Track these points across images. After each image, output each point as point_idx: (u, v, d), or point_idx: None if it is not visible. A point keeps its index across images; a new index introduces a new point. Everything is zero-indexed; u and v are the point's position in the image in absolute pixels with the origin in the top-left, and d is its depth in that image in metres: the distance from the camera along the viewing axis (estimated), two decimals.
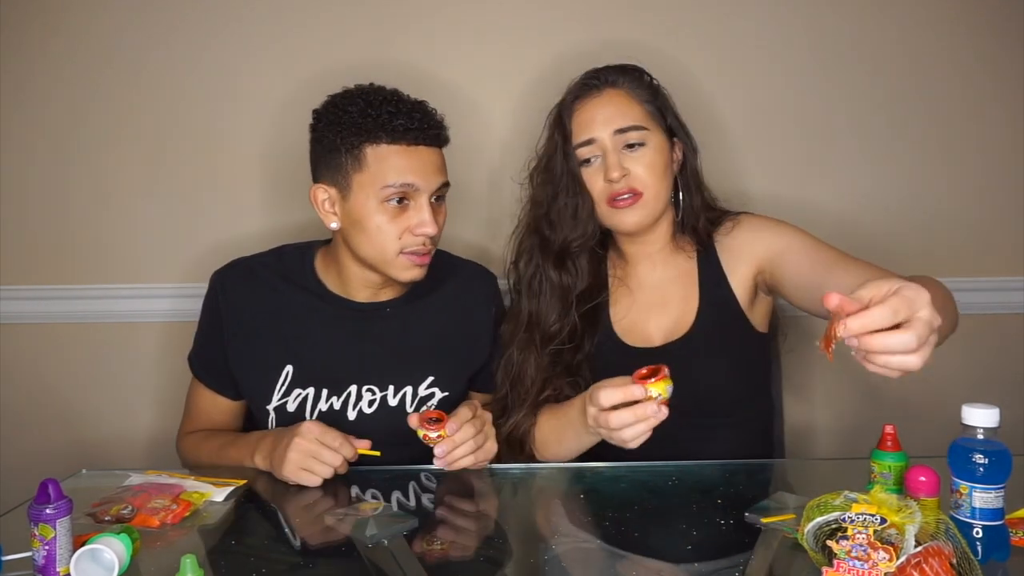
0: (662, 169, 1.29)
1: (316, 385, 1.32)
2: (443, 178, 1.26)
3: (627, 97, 1.30)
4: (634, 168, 1.27)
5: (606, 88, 1.31)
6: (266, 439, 1.22)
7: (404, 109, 1.22)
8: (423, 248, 1.25)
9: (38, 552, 0.88)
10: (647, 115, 1.30)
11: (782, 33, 1.70)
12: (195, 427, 1.39)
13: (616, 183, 1.27)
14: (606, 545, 0.97)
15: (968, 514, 0.88)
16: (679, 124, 1.35)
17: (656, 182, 1.28)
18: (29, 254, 1.73)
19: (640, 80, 1.33)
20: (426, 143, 1.23)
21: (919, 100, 1.72)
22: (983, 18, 1.70)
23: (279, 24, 1.69)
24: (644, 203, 1.28)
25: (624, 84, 1.31)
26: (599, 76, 1.33)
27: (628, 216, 1.29)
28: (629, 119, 1.28)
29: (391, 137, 1.20)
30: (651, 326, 1.35)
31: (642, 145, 1.28)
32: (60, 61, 1.70)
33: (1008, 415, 0.92)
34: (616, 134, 1.28)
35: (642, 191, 1.27)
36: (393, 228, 1.23)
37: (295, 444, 1.15)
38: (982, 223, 1.74)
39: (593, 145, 1.29)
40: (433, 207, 1.25)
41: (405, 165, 1.21)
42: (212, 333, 1.35)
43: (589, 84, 1.32)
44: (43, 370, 1.75)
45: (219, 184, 1.72)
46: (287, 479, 1.16)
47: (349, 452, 1.17)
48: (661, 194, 1.30)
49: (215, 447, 1.31)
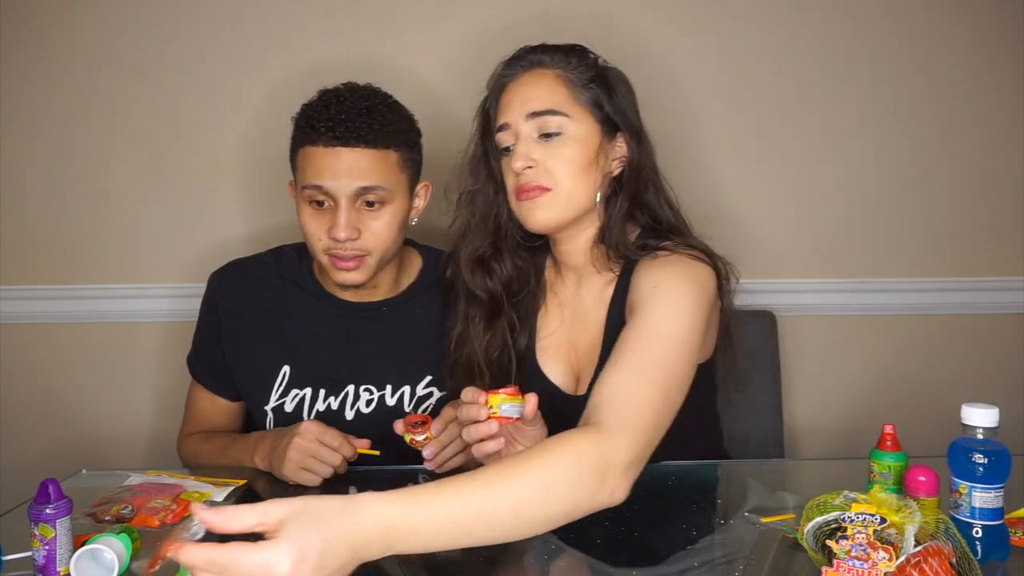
0: (583, 164, 1.11)
1: (314, 385, 1.32)
2: (364, 182, 1.19)
3: (553, 79, 1.14)
4: (546, 160, 1.11)
5: (533, 68, 1.15)
6: (265, 439, 1.22)
7: (333, 109, 1.20)
8: (343, 252, 1.22)
9: (38, 552, 0.88)
10: (573, 100, 1.13)
11: (781, 30, 1.71)
12: (195, 429, 1.39)
13: (521, 174, 1.12)
14: (606, 545, 0.97)
15: (968, 514, 0.88)
16: (626, 117, 1.16)
17: (571, 179, 1.11)
18: (28, 254, 1.73)
19: (576, 61, 1.15)
20: (345, 143, 1.18)
21: (918, 100, 1.72)
22: (983, 15, 1.70)
23: (280, 23, 1.69)
24: (551, 200, 1.11)
25: (553, 64, 1.15)
26: (528, 54, 1.17)
27: (533, 212, 1.12)
28: (547, 102, 1.11)
29: (311, 139, 1.20)
30: (562, 360, 1.22)
31: (558, 134, 1.11)
32: (59, 61, 1.69)
33: (1008, 415, 0.92)
34: (530, 118, 1.12)
35: (550, 187, 1.11)
36: (314, 228, 1.23)
37: (294, 444, 1.14)
38: (982, 223, 1.74)
39: (508, 131, 1.14)
40: (361, 212, 1.21)
41: (319, 166, 1.20)
42: (210, 334, 1.35)
43: (513, 63, 1.17)
44: (43, 370, 1.75)
45: (219, 184, 1.72)
46: (287, 479, 1.16)
47: (349, 451, 1.17)
48: (576, 193, 1.12)
49: (215, 448, 1.31)
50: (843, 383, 1.76)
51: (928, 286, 1.74)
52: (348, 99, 1.21)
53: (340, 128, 1.18)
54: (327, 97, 1.23)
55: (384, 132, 1.20)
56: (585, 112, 1.14)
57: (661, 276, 1.05)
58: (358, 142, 1.18)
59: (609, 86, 1.16)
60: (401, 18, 1.69)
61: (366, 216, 1.22)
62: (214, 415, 1.39)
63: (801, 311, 1.72)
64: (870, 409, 1.74)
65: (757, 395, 1.58)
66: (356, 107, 1.20)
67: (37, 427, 1.75)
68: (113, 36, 1.69)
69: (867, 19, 1.70)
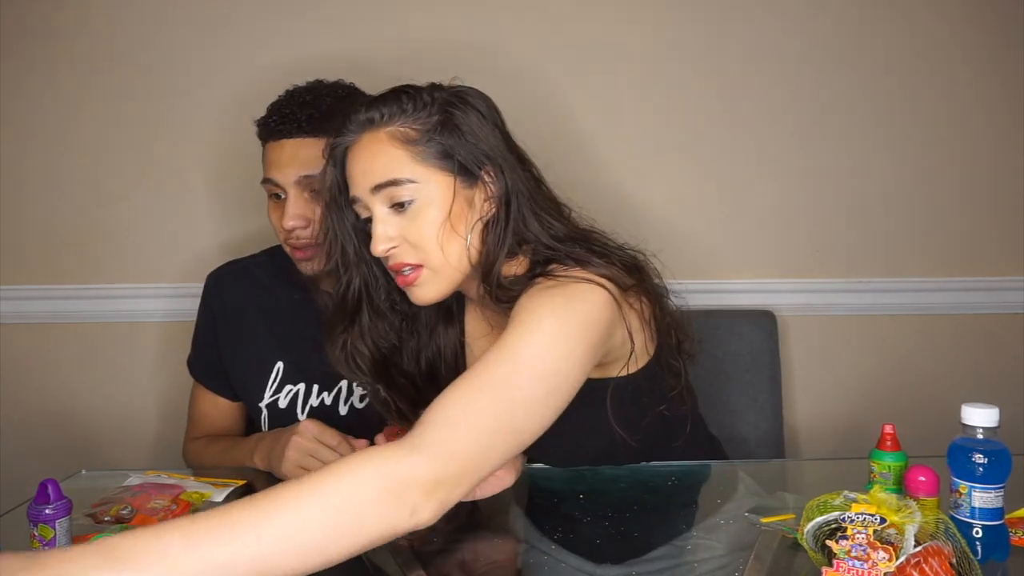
0: (446, 227, 1.00)
1: (307, 381, 1.33)
2: (305, 170, 1.20)
3: (388, 142, 1.01)
4: (407, 234, 1.01)
5: (365, 131, 1.02)
6: (265, 439, 1.23)
7: (278, 104, 1.26)
8: (297, 242, 1.25)
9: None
10: (415, 160, 1.00)
11: (770, 34, 1.71)
12: (199, 433, 1.40)
13: (387, 259, 1.03)
14: (606, 545, 0.97)
15: (968, 514, 0.88)
16: (482, 154, 1.03)
17: (438, 247, 1.00)
18: (27, 254, 1.73)
19: (412, 108, 1.02)
20: (286, 135, 1.23)
21: (921, 100, 1.72)
22: (987, 14, 1.70)
23: (280, 21, 1.69)
24: (428, 277, 1.02)
25: (385, 121, 1.02)
26: (356, 116, 1.04)
27: (415, 293, 1.04)
28: (386, 173, 1.00)
29: (264, 135, 1.26)
30: None
31: (411, 202, 1.00)
32: (54, 62, 1.70)
33: (1008, 415, 0.91)
34: (375, 192, 1.01)
35: (421, 263, 1.02)
36: (276, 222, 1.28)
37: (293, 443, 1.15)
38: (982, 223, 1.74)
39: (360, 204, 1.04)
40: (312, 200, 1.22)
41: (269, 160, 1.26)
42: (207, 333, 1.38)
43: (347, 127, 1.04)
44: (43, 370, 1.75)
45: (219, 183, 1.72)
46: (286, 478, 1.16)
47: (347, 451, 1.16)
48: (451, 259, 1.02)
49: (218, 452, 1.32)
50: (843, 383, 1.76)
51: (928, 286, 1.74)
52: (298, 93, 1.26)
53: (283, 121, 1.23)
54: (286, 94, 1.28)
55: (323, 119, 1.20)
56: (433, 169, 1.01)
57: (527, 304, 0.95)
58: (297, 132, 1.22)
59: (455, 127, 1.02)
60: (396, 15, 1.70)
61: (315, 204, 1.21)
62: (216, 417, 1.39)
63: (801, 311, 1.72)
64: (870, 409, 1.74)
65: (757, 395, 1.58)
66: (300, 99, 1.24)
67: (37, 427, 1.75)
68: (110, 36, 1.69)
69: (871, 17, 1.70)
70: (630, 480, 1.19)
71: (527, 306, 0.94)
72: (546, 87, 1.69)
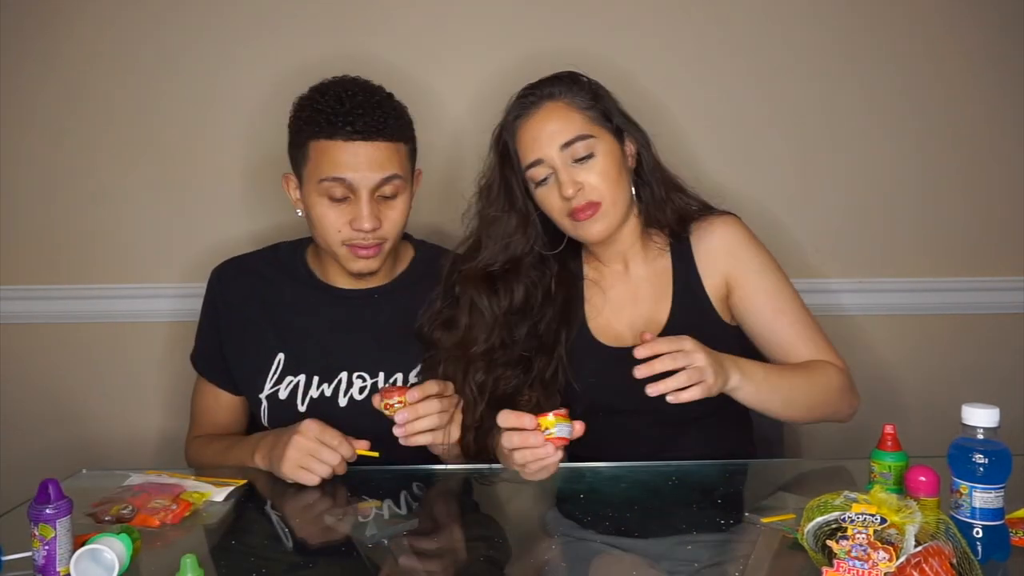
0: (616, 174, 1.26)
1: (307, 372, 1.33)
2: (384, 173, 1.24)
3: (567, 107, 1.26)
4: (588, 179, 1.24)
5: (544, 102, 1.27)
6: (266, 438, 1.23)
7: (348, 104, 1.23)
8: (364, 242, 1.26)
9: (38, 552, 0.88)
10: (590, 121, 1.26)
11: (772, 30, 1.71)
12: (201, 430, 1.40)
13: (572, 199, 1.24)
14: (606, 545, 0.97)
15: (968, 514, 0.88)
16: (626, 120, 1.31)
17: (612, 189, 1.25)
18: (29, 254, 1.73)
19: (577, 86, 1.29)
20: (364, 138, 1.22)
21: (920, 100, 1.72)
22: (989, 15, 1.70)
23: (279, 19, 1.69)
24: (604, 212, 1.25)
25: (561, 94, 1.27)
26: (535, 91, 1.29)
27: (592, 227, 1.26)
28: (572, 131, 1.24)
29: (328, 132, 1.23)
30: (623, 325, 1.33)
31: (591, 156, 1.24)
32: (55, 60, 1.69)
33: (1008, 415, 0.92)
34: (563, 149, 1.24)
35: (599, 200, 1.24)
36: (333, 220, 1.26)
37: (294, 442, 1.15)
38: (982, 224, 1.74)
39: (542, 165, 1.26)
40: (379, 202, 1.26)
41: (340, 160, 1.23)
42: (211, 328, 1.39)
43: (526, 101, 1.28)
44: (44, 370, 1.75)
45: (223, 183, 1.72)
46: (286, 477, 1.16)
47: (347, 451, 1.17)
48: (619, 199, 1.27)
49: (219, 450, 1.32)
50: None
51: (928, 286, 1.74)
52: (359, 94, 1.24)
53: (359, 122, 1.22)
54: (334, 92, 1.25)
55: (398, 125, 1.26)
56: (601, 128, 1.27)
57: (743, 244, 1.31)
58: (377, 136, 1.23)
59: (605, 98, 1.30)
60: (399, 16, 1.70)
61: (383, 206, 1.27)
62: (218, 413, 1.40)
63: None
64: (870, 409, 1.74)
65: None
66: (369, 101, 1.24)
67: (37, 427, 1.75)
68: (112, 36, 1.69)
69: (873, 17, 1.70)
70: (630, 480, 1.19)
71: (745, 243, 1.31)
72: None
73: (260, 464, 1.21)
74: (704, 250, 1.31)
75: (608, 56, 1.62)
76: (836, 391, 1.25)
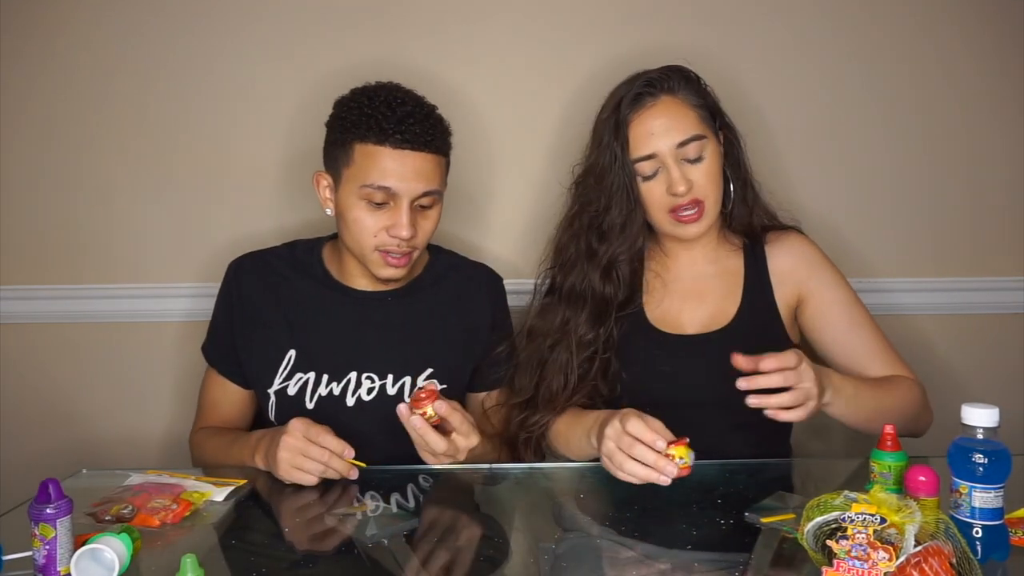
0: (719, 175, 1.29)
1: (317, 370, 1.34)
2: (428, 186, 1.25)
3: (682, 105, 1.28)
4: (696, 179, 1.26)
5: (662, 96, 1.28)
6: (264, 438, 1.23)
7: (399, 112, 1.23)
8: (398, 249, 1.27)
9: (38, 552, 0.88)
10: (701, 121, 1.28)
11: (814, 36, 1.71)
12: (206, 422, 1.40)
13: (680, 196, 1.26)
14: (606, 545, 0.97)
15: (968, 514, 0.88)
16: (724, 119, 1.34)
17: (715, 189, 1.28)
18: (34, 254, 1.73)
19: (688, 82, 1.30)
20: (413, 148, 1.23)
21: (921, 101, 1.72)
22: (996, 15, 1.69)
23: (293, 23, 1.69)
24: (706, 213, 1.28)
25: (679, 90, 1.28)
26: (654, 83, 1.29)
27: (693, 229, 1.28)
28: (688, 130, 1.26)
29: (378, 138, 1.23)
30: (684, 316, 1.35)
31: (700, 159, 1.26)
32: (72, 61, 1.69)
33: (1008, 415, 0.92)
34: (678, 148, 1.26)
35: (703, 200, 1.27)
36: (370, 225, 1.26)
37: (283, 443, 1.13)
38: (982, 224, 1.74)
39: (653, 160, 1.27)
40: (417, 212, 1.27)
41: (387, 167, 1.23)
42: (224, 319, 1.39)
43: (644, 92, 1.28)
44: (44, 370, 1.75)
45: (232, 184, 1.71)
46: (283, 479, 1.16)
47: (336, 447, 1.14)
48: (719, 201, 1.30)
49: (220, 445, 1.32)
50: None
51: (928, 286, 1.74)
52: (409, 103, 1.25)
53: (409, 132, 1.22)
54: (384, 98, 1.25)
55: (443, 139, 1.29)
56: (710, 129, 1.29)
57: (817, 260, 1.34)
58: (426, 147, 1.24)
59: (713, 98, 1.32)
60: (405, 19, 1.70)
61: (419, 215, 1.28)
62: (225, 405, 1.39)
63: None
64: None
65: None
66: (419, 112, 1.25)
67: (38, 427, 1.75)
68: (123, 35, 1.69)
69: (878, 17, 1.70)
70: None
71: (820, 261, 1.34)
72: None
73: (260, 465, 1.21)
74: (779, 260, 1.33)
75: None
76: (917, 406, 1.26)
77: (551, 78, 1.68)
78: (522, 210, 1.69)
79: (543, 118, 1.68)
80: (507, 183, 1.71)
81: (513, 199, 1.71)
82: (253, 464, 1.22)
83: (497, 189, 1.72)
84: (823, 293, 1.31)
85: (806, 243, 1.36)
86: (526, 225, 1.68)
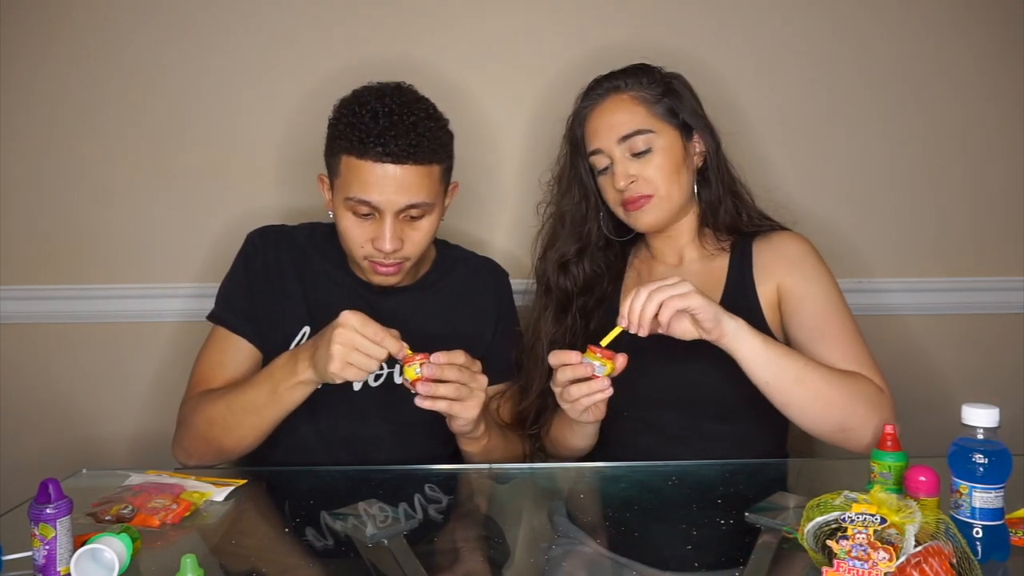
0: (673, 169, 1.30)
1: None
2: (413, 199, 1.22)
3: (631, 101, 1.31)
4: (642, 172, 1.29)
5: (610, 95, 1.32)
6: (304, 348, 1.18)
7: (383, 123, 1.19)
8: (384, 260, 1.26)
9: (38, 552, 0.88)
10: (653, 116, 1.30)
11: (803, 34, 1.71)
12: (206, 386, 1.32)
13: (624, 191, 1.29)
14: (606, 545, 0.97)
15: (968, 514, 0.88)
16: (697, 118, 1.34)
17: (667, 183, 1.29)
18: (35, 254, 1.73)
19: (648, 78, 1.32)
20: (395, 161, 1.19)
21: (922, 100, 1.72)
22: (996, 16, 1.70)
23: (293, 24, 1.69)
24: (656, 204, 1.29)
25: (629, 87, 1.31)
26: (602, 82, 1.34)
27: (642, 217, 1.31)
28: (632, 125, 1.29)
29: (359, 151, 1.20)
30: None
31: (648, 150, 1.28)
32: (72, 61, 1.69)
33: (1008, 415, 0.92)
34: (621, 142, 1.29)
35: (651, 194, 1.29)
36: (357, 235, 1.25)
37: (336, 335, 1.10)
38: (982, 223, 1.74)
39: (601, 155, 1.31)
40: (405, 223, 1.25)
41: (367, 181, 1.20)
42: (243, 282, 1.36)
43: (593, 92, 1.34)
44: (44, 370, 1.75)
45: (232, 184, 1.72)
46: (333, 377, 1.12)
47: (393, 346, 1.11)
48: (674, 194, 1.30)
49: (233, 390, 1.25)
50: None
51: (928, 286, 1.74)
52: (395, 112, 1.21)
53: (390, 145, 1.18)
54: (372, 106, 1.21)
55: (431, 149, 1.22)
56: (664, 123, 1.30)
57: (804, 257, 1.30)
58: (407, 159, 1.20)
59: (677, 93, 1.33)
60: (412, 19, 1.70)
61: (408, 227, 1.25)
62: (230, 367, 1.33)
63: None
64: None
65: None
66: (404, 122, 1.20)
67: (37, 427, 1.75)
68: (125, 33, 1.69)
69: (879, 17, 1.70)
70: (630, 480, 1.19)
71: (806, 257, 1.30)
72: None
73: (302, 373, 1.16)
74: (764, 258, 1.32)
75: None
76: (857, 396, 1.16)
77: (560, 75, 1.68)
78: (529, 208, 1.69)
79: (551, 116, 1.67)
80: (515, 180, 1.72)
81: (520, 197, 1.71)
82: (291, 378, 1.17)
83: (505, 186, 1.72)
84: (798, 286, 1.28)
85: (795, 241, 1.33)
86: (533, 222, 1.67)
